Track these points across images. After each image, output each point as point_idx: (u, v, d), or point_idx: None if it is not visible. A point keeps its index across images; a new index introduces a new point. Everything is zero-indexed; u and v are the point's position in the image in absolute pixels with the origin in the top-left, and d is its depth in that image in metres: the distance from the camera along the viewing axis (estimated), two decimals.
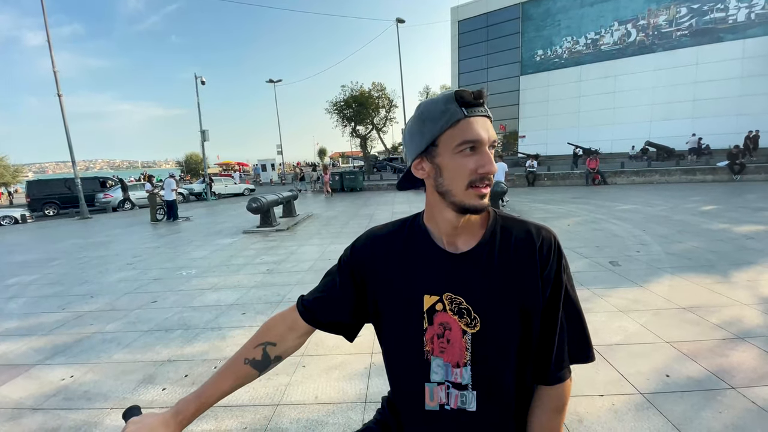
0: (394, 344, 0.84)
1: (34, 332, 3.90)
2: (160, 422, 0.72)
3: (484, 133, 0.70)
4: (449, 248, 0.79)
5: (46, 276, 6.23)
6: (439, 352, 0.78)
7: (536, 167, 18.34)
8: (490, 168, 0.70)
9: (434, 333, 0.78)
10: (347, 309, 0.86)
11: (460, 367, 0.77)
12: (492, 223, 0.80)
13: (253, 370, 0.85)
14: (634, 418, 2.18)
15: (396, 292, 0.81)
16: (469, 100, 0.70)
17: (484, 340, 0.75)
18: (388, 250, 0.84)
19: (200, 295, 4.73)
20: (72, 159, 15.62)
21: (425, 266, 0.80)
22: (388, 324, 0.84)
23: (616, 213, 9.07)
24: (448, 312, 0.77)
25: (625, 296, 3.93)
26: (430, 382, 0.79)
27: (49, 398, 2.70)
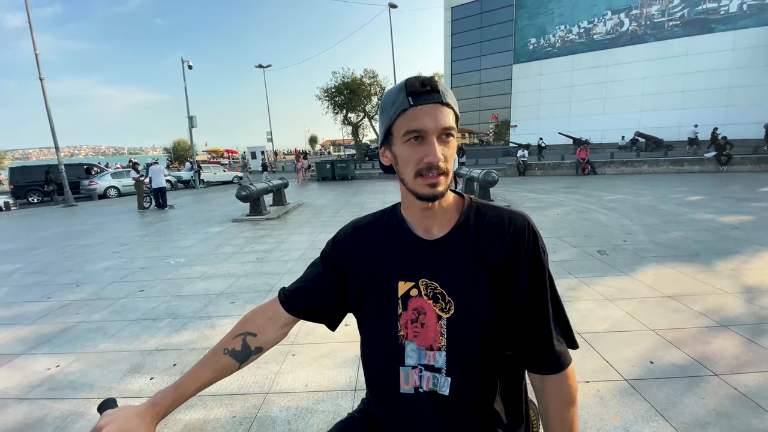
0: (370, 331, 0.85)
1: (18, 322, 3.82)
2: (135, 414, 0.71)
3: (430, 123, 0.70)
4: (424, 235, 0.81)
5: (29, 265, 6.10)
6: (413, 336, 0.79)
7: (527, 157, 18.41)
8: (433, 159, 0.70)
9: (408, 318, 0.79)
10: (329, 299, 0.87)
11: (434, 351, 0.77)
12: (466, 209, 0.81)
13: (232, 361, 0.84)
14: (619, 403, 2.23)
15: (373, 281, 0.83)
16: (416, 89, 0.70)
17: (458, 324, 0.76)
18: (367, 241, 0.86)
19: (188, 284, 4.68)
20: (55, 144, 15.21)
21: (400, 253, 0.81)
22: (366, 312, 0.85)
23: (605, 203, 9.17)
24: (424, 297, 0.78)
25: (612, 285, 3.99)
26: (404, 366, 0.80)
27: (34, 388, 2.66)
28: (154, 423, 0.73)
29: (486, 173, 9.64)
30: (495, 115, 37.62)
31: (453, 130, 0.73)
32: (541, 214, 8.03)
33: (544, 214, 8.14)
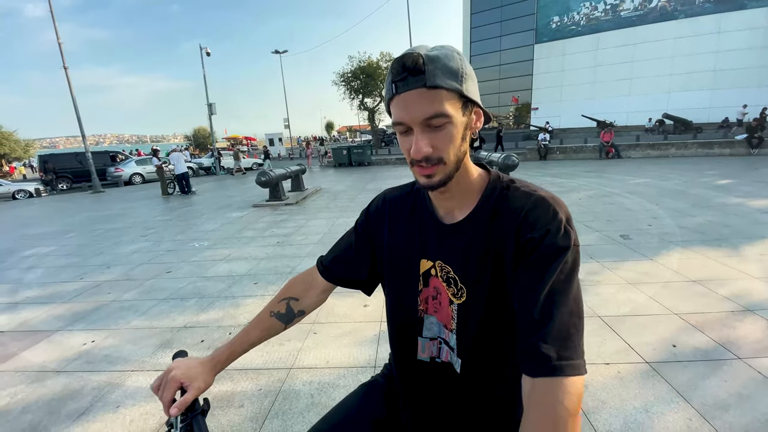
0: (394, 301, 0.88)
1: (54, 300, 4.05)
2: (198, 363, 0.81)
3: (409, 114, 0.63)
4: (444, 217, 0.78)
5: (63, 247, 6.41)
6: (433, 311, 0.80)
7: (549, 141, 17.95)
8: (414, 155, 0.64)
9: (429, 294, 0.80)
10: (363, 267, 0.90)
11: (448, 330, 0.79)
12: (489, 191, 0.74)
13: (278, 322, 0.91)
14: (639, 385, 2.22)
15: (399, 254, 0.84)
16: (397, 74, 0.63)
17: (468, 311, 0.74)
18: (396, 214, 0.87)
19: (213, 265, 4.84)
20: (82, 133, 15.70)
21: (423, 232, 0.81)
22: (391, 282, 0.87)
23: (629, 187, 8.90)
24: (439, 278, 0.78)
25: (635, 269, 3.91)
26: (422, 336, 0.82)
27: (71, 362, 2.84)
28: (213, 373, 0.81)
29: (506, 157, 9.47)
30: (515, 98, 36.57)
31: (442, 116, 0.63)
32: (563, 198, 7.77)
33: (565, 198, 7.87)
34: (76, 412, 2.27)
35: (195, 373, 0.78)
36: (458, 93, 0.64)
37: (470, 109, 0.69)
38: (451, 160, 0.67)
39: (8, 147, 31.06)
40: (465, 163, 0.72)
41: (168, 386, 0.75)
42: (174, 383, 0.76)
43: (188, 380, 0.77)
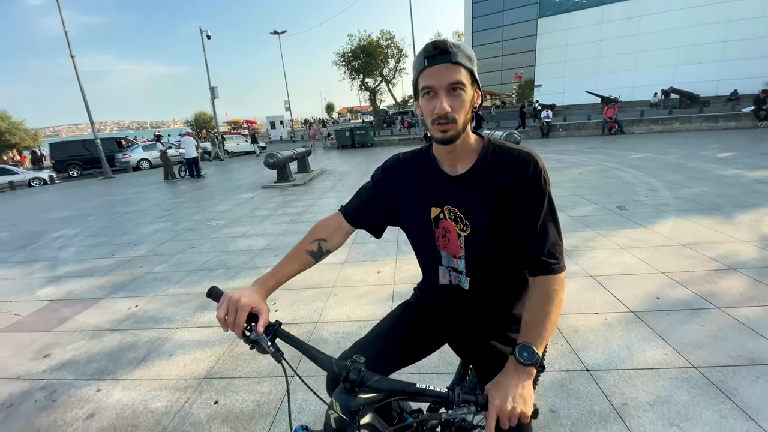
0: (417, 242, 1.14)
1: (92, 274, 4.41)
2: (251, 290, 0.93)
3: (437, 81, 0.87)
4: (450, 171, 1.02)
5: (87, 229, 6.76)
6: (443, 247, 1.06)
7: (551, 118, 17.93)
8: (439, 110, 0.88)
9: (440, 234, 1.05)
10: (379, 214, 1.14)
11: (457, 258, 1.05)
12: (484, 149, 1.00)
13: (311, 258, 1.09)
14: (624, 329, 2.53)
15: (413, 204, 1.08)
16: (429, 53, 0.88)
17: (473, 240, 1.00)
18: (407, 172, 1.10)
19: (233, 241, 5.17)
20: (90, 120, 15.89)
21: (431, 185, 1.05)
22: (410, 228, 1.13)
23: (630, 161, 9.08)
24: (448, 219, 1.02)
25: (629, 236, 4.19)
26: (442, 265, 1.09)
27: (121, 322, 3.20)
28: (264, 297, 0.94)
29: (508, 135, 9.62)
30: (518, 74, 36.04)
31: (460, 84, 0.88)
32: (562, 174, 8.09)
33: (565, 173, 8.18)
34: (135, 359, 2.63)
35: (257, 299, 0.90)
36: (471, 72, 0.91)
37: (475, 88, 0.94)
38: (460, 122, 0.91)
39: (18, 136, 31.27)
40: (467, 129, 0.97)
41: (241, 311, 0.85)
42: (246, 308, 0.86)
43: (255, 305, 0.88)
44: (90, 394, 2.34)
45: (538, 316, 0.90)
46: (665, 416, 1.81)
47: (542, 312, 0.90)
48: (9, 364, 2.75)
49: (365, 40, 27.08)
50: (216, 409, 2.11)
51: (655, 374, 2.10)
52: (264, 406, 2.10)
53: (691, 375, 2.06)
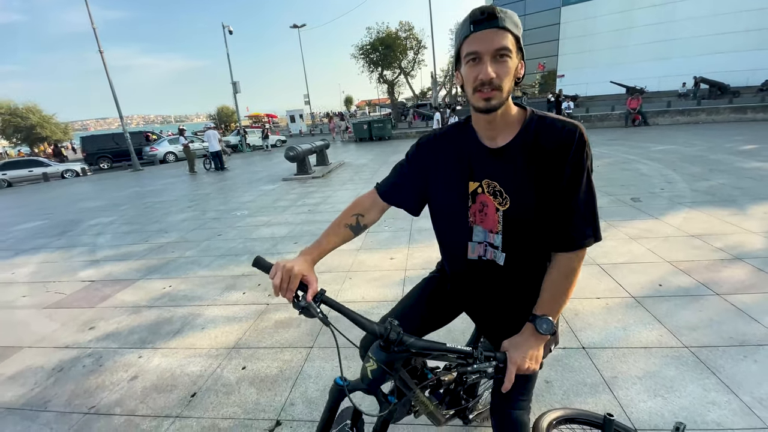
0: (445, 216, 1.12)
1: (128, 258, 4.79)
2: (302, 261, 0.98)
3: (482, 46, 0.85)
4: (489, 144, 0.99)
5: (121, 217, 7.23)
6: (479, 222, 1.04)
7: (572, 109, 17.60)
8: (483, 76, 0.85)
9: (476, 209, 1.03)
10: (414, 191, 1.14)
11: (493, 233, 1.02)
12: (527, 121, 0.96)
13: (350, 232, 1.14)
14: (623, 313, 2.66)
15: (448, 179, 1.07)
16: (476, 18, 0.86)
17: (511, 215, 0.98)
18: (444, 147, 1.09)
19: (256, 229, 5.48)
20: (119, 114, 16.62)
21: (470, 159, 1.03)
22: (441, 202, 1.11)
23: (650, 154, 8.94)
24: (486, 194, 1.00)
25: (639, 227, 4.25)
26: (472, 241, 1.07)
27: (157, 300, 3.52)
28: (311, 267, 1.00)
29: None
30: (541, 64, 35.22)
31: (507, 50, 0.85)
32: None
33: None
34: (171, 331, 2.93)
35: (306, 268, 0.97)
36: (517, 39, 0.88)
37: (520, 56, 0.92)
38: (505, 89, 0.88)
39: (49, 130, 32.80)
40: (509, 100, 0.93)
41: (294, 279, 0.92)
42: (298, 276, 0.93)
43: (306, 273, 0.95)
44: (133, 360, 2.65)
45: (557, 291, 0.98)
46: (651, 388, 1.96)
47: (561, 288, 0.98)
48: (57, 335, 3.10)
49: (384, 32, 27.04)
50: (244, 373, 2.38)
51: (647, 352, 2.23)
52: (286, 372, 2.35)
53: (681, 354, 2.19)
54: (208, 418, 2.05)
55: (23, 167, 17.04)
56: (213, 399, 2.18)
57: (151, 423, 2.05)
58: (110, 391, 2.34)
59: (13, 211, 9.47)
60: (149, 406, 2.18)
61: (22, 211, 9.43)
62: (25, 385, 2.48)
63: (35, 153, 29.56)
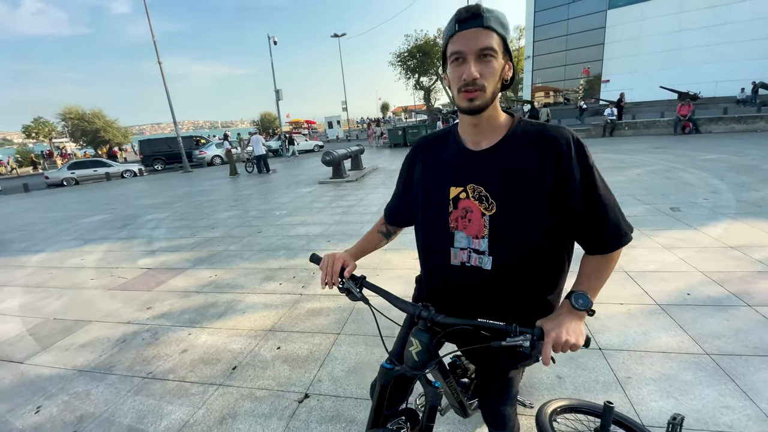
0: (428, 222, 1.10)
1: (180, 249, 5.28)
2: (345, 254, 1.19)
3: (466, 46, 0.83)
4: (473, 147, 0.98)
5: (173, 214, 7.90)
6: (462, 228, 1.01)
7: (615, 116, 16.93)
8: (467, 76, 0.84)
9: (458, 215, 1.01)
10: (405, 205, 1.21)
11: (479, 239, 0.98)
12: (514, 126, 0.96)
13: (383, 237, 1.33)
14: (645, 319, 2.67)
15: (431, 183, 1.08)
16: (461, 16, 0.85)
17: (499, 219, 0.95)
18: (431, 151, 1.10)
19: (293, 228, 5.84)
20: (173, 120, 17.95)
21: (452, 164, 1.02)
22: (425, 206, 1.10)
23: (697, 163, 8.49)
24: (471, 199, 0.98)
25: (674, 236, 4.14)
26: (453, 247, 1.04)
27: (204, 287, 3.90)
28: (353, 258, 1.20)
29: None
30: (586, 69, 33.92)
31: (491, 50, 0.83)
32: (619, 174, 7.82)
33: (623, 174, 7.90)
34: (216, 314, 3.27)
35: (347, 257, 1.17)
36: (503, 39, 0.87)
37: (507, 58, 0.90)
38: (489, 90, 0.87)
39: (111, 133, 35.85)
40: (495, 102, 0.92)
41: (336, 262, 1.13)
42: (340, 261, 1.14)
43: (346, 261, 1.15)
44: (183, 336, 2.99)
45: (595, 274, 0.97)
46: (665, 390, 2.00)
47: (600, 273, 0.97)
48: (121, 312, 3.53)
49: (422, 39, 27.35)
50: (278, 352, 2.65)
51: (666, 357, 2.26)
52: (315, 353, 2.59)
53: (701, 360, 2.20)
54: (247, 387, 2.32)
55: (89, 167, 18.77)
56: (251, 372, 2.46)
57: (198, 388, 2.35)
58: (164, 361, 2.68)
59: (82, 206, 10.54)
60: (197, 375, 2.49)
61: (89, 206, 10.47)
62: (94, 352, 2.89)
63: (98, 154, 32.37)
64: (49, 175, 18.18)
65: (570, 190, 0.90)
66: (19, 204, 12.52)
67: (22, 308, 3.82)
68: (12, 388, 2.54)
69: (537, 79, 37.54)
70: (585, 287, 0.96)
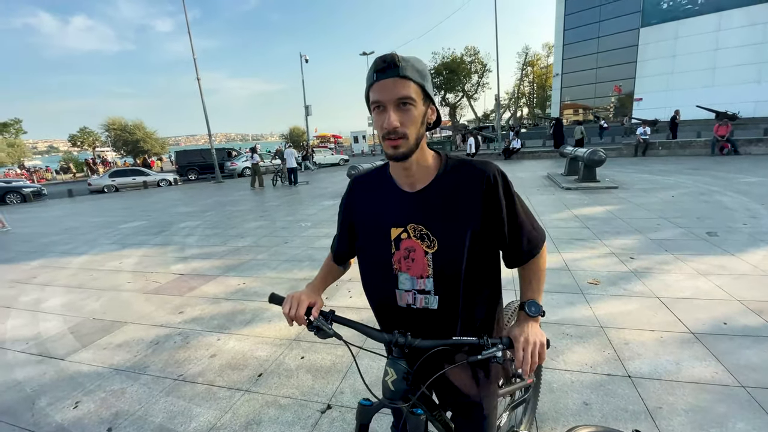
0: (370, 265, 1.09)
1: (210, 257, 5.50)
2: (309, 291, 1.11)
3: (384, 95, 0.85)
4: (408, 189, 1.00)
5: (205, 222, 8.23)
6: (405, 269, 0.99)
7: (649, 135, 16.45)
8: (387, 125, 0.85)
9: (401, 255, 0.99)
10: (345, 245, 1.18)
11: (424, 278, 0.98)
12: (443, 165, 0.99)
13: (342, 269, 1.28)
14: (678, 347, 2.57)
15: (370, 225, 1.06)
16: (379, 66, 0.86)
17: (441, 257, 0.95)
18: (364, 193, 1.10)
19: (318, 240, 5.98)
20: (209, 133, 18.82)
21: (391, 205, 1.01)
22: (366, 249, 1.09)
23: (737, 186, 8.12)
24: (413, 238, 0.97)
25: (711, 262, 3.97)
26: (398, 289, 1.02)
27: (233, 294, 4.05)
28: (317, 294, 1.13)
29: (592, 152, 9.30)
30: (618, 87, 33.27)
31: (409, 99, 0.85)
32: (652, 196, 7.58)
33: (656, 195, 7.65)
34: (244, 321, 3.39)
35: (311, 294, 1.09)
36: (421, 87, 0.89)
37: (428, 103, 0.93)
38: (412, 137, 0.88)
39: (149, 144, 37.79)
40: (422, 145, 0.94)
41: (301, 305, 1.03)
42: (305, 302, 1.04)
43: (311, 299, 1.06)
44: (212, 341, 3.11)
45: (533, 278, 1.04)
46: (697, 422, 1.93)
47: (536, 276, 1.04)
48: (155, 315, 3.70)
49: (449, 57, 27.66)
50: (302, 362, 2.71)
51: (699, 388, 2.17)
52: (338, 365, 2.64)
53: (736, 392, 2.10)
54: (271, 395, 2.39)
55: (128, 175, 19.85)
56: (276, 380, 2.53)
57: (225, 393, 2.44)
58: (194, 364, 2.79)
59: (121, 212, 11.14)
60: (224, 380, 2.58)
61: (128, 212, 11.06)
62: (130, 352, 3.04)
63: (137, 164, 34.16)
64: (92, 182, 19.35)
65: (498, 219, 0.96)
66: (64, 209, 13.35)
67: (64, 307, 4.07)
68: (53, 383, 2.71)
69: (566, 96, 37.09)
70: (530, 294, 1.03)
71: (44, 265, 5.85)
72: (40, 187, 17.89)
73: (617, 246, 4.70)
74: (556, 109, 37.34)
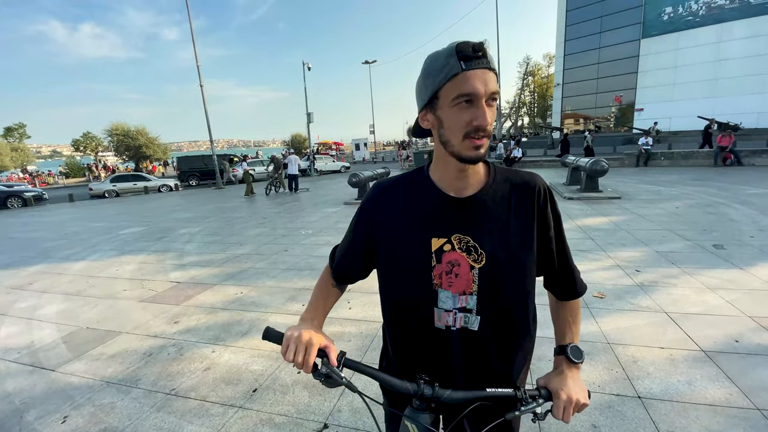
0: (402, 281, 0.92)
1: (209, 264, 5.42)
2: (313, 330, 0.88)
3: (481, 87, 0.73)
4: (456, 194, 0.88)
5: (205, 228, 8.16)
6: (447, 286, 0.87)
7: (651, 145, 16.41)
8: (483, 121, 0.75)
9: (442, 270, 0.86)
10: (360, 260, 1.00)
11: (466, 295, 0.86)
12: (493, 172, 0.90)
13: (339, 291, 1.09)
14: (689, 366, 2.48)
15: (403, 237, 0.90)
16: (468, 54, 0.73)
17: (489, 273, 0.85)
18: (393, 199, 0.94)
19: (319, 248, 5.90)
20: (210, 139, 18.86)
21: (432, 212, 0.88)
22: (395, 262, 0.92)
23: (742, 197, 8.04)
24: (457, 251, 0.85)
25: (719, 276, 3.88)
26: (437, 307, 0.88)
27: (230, 303, 3.96)
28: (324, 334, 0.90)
29: (594, 162, 9.24)
30: (618, 97, 33.34)
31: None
32: (656, 207, 7.50)
33: (660, 206, 7.57)
34: (240, 332, 3.30)
35: (320, 335, 0.87)
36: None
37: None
38: (490, 137, 0.80)
39: (152, 149, 37.92)
40: None
41: (310, 350, 0.82)
42: (316, 346, 0.83)
43: (323, 342, 0.84)
44: (207, 353, 3.02)
45: (575, 319, 0.98)
46: None
47: (574, 318, 0.98)
48: (150, 325, 3.62)
49: None
50: (298, 377, 2.62)
51: (712, 410, 2.08)
52: None
53: (751, 415, 2.01)
54: (266, 412, 2.30)
55: (129, 181, 19.85)
56: (271, 396, 2.44)
57: (219, 409, 2.35)
58: (188, 378, 2.70)
59: (122, 218, 11.09)
60: (218, 395, 2.49)
61: (128, 217, 11.01)
62: (122, 364, 2.96)
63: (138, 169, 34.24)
64: (93, 186, 19.35)
65: (545, 237, 0.90)
66: (65, 213, 13.31)
67: (59, 315, 3.99)
68: (43, 395, 2.62)
69: (567, 106, 37.20)
70: (570, 337, 0.96)
71: (42, 271, 5.78)
72: (41, 191, 17.89)
73: (622, 258, 4.61)
74: (558, 119, 37.40)
